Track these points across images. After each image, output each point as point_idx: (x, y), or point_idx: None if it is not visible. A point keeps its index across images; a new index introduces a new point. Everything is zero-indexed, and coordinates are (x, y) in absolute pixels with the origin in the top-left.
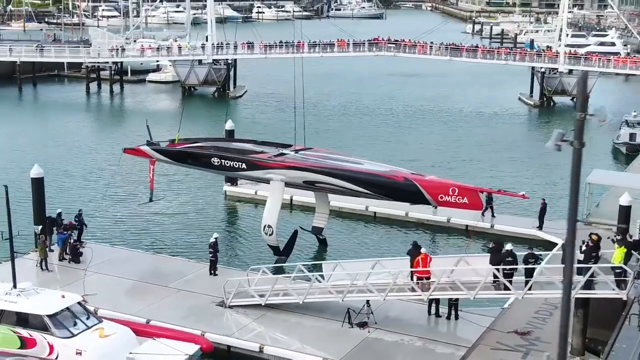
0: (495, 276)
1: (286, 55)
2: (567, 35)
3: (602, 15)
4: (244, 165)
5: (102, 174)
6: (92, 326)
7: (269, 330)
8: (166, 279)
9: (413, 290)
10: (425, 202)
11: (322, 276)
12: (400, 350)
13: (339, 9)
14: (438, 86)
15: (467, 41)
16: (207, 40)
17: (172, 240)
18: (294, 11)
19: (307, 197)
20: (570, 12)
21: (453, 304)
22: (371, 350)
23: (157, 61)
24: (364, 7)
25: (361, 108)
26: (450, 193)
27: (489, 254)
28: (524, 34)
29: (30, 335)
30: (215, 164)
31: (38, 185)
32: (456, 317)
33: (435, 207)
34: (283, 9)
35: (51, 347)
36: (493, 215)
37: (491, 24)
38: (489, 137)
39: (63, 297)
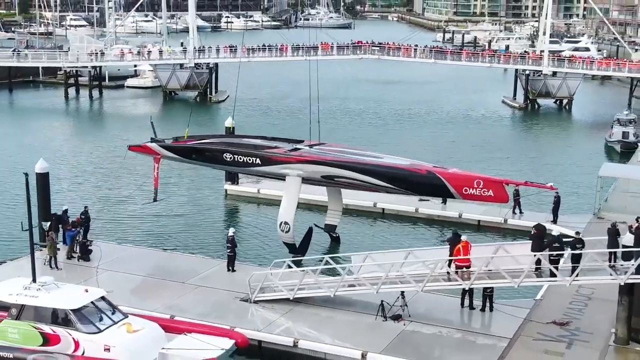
0: (539, 263)
1: (270, 58)
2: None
3: (570, 24)
4: (258, 161)
5: (89, 177)
6: (118, 321)
7: (299, 324)
8: (182, 275)
9: (452, 279)
10: (449, 195)
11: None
12: (439, 343)
13: (307, 19)
14: (421, 92)
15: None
16: (182, 46)
17: (176, 240)
18: (262, 21)
19: (309, 195)
20: (536, 20)
21: (488, 295)
22: (410, 343)
23: (135, 66)
24: (332, 17)
25: (348, 111)
26: (475, 185)
27: (531, 241)
28: (496, 42)
29: (54, 332)
30: (228, 159)
31: (43, 180)
32: (491, 309)
33: (444, 203)
34: (252, 19)
35: (76, 343)
36: (521, 212)
37: (462, 32)
38: (481, 139)
39: (86, 291)
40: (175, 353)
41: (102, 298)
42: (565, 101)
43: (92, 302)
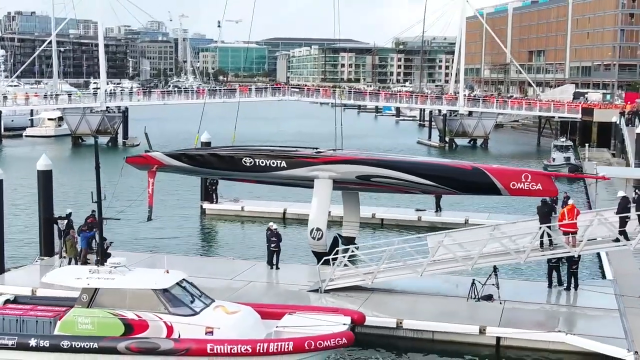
0: None
1: (187, 101)
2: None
3: (441, 85)
4: (283, 164)
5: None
6: (209, 304)
7: (388, 309)
8: (223, 274)
9: (558, 247)
10: (495, 192)
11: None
12: (553, 316)
13: (177, 86)
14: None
15: (323, 110)
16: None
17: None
18: (132, 87)
19: (302, 209)
20: (403, 86)
21: (573, 272)
22: (523, 318)
23: (32, 114)
24: (200, 85)
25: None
26: (523, 180)
27: (635, 204)
28: None
29: (139, 317)
30: (247, 164)
31: (45, 178)
32: (576, 287)
33: (439, 211)
34: (120, 85)
35: (170, 328)
36: None
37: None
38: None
39: (167, 272)
40: (294, 331)
41: (185, 280)
42: (480, 140)
43: (177, 284)
